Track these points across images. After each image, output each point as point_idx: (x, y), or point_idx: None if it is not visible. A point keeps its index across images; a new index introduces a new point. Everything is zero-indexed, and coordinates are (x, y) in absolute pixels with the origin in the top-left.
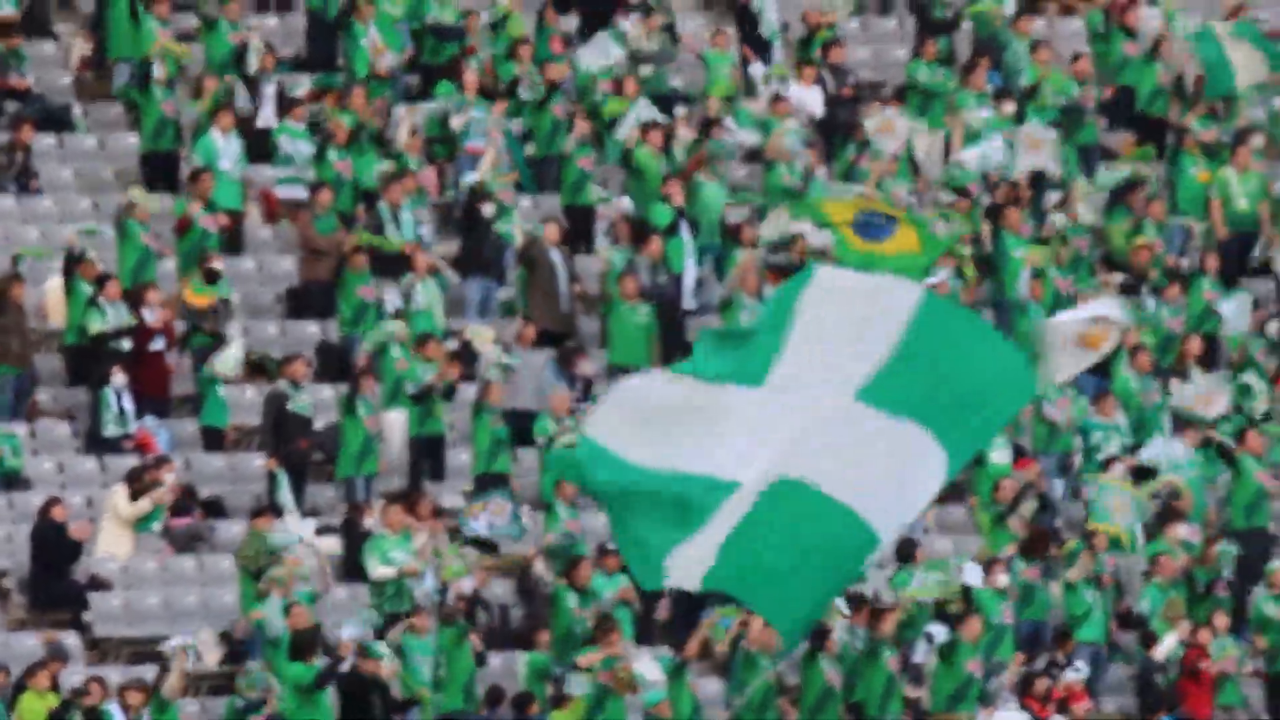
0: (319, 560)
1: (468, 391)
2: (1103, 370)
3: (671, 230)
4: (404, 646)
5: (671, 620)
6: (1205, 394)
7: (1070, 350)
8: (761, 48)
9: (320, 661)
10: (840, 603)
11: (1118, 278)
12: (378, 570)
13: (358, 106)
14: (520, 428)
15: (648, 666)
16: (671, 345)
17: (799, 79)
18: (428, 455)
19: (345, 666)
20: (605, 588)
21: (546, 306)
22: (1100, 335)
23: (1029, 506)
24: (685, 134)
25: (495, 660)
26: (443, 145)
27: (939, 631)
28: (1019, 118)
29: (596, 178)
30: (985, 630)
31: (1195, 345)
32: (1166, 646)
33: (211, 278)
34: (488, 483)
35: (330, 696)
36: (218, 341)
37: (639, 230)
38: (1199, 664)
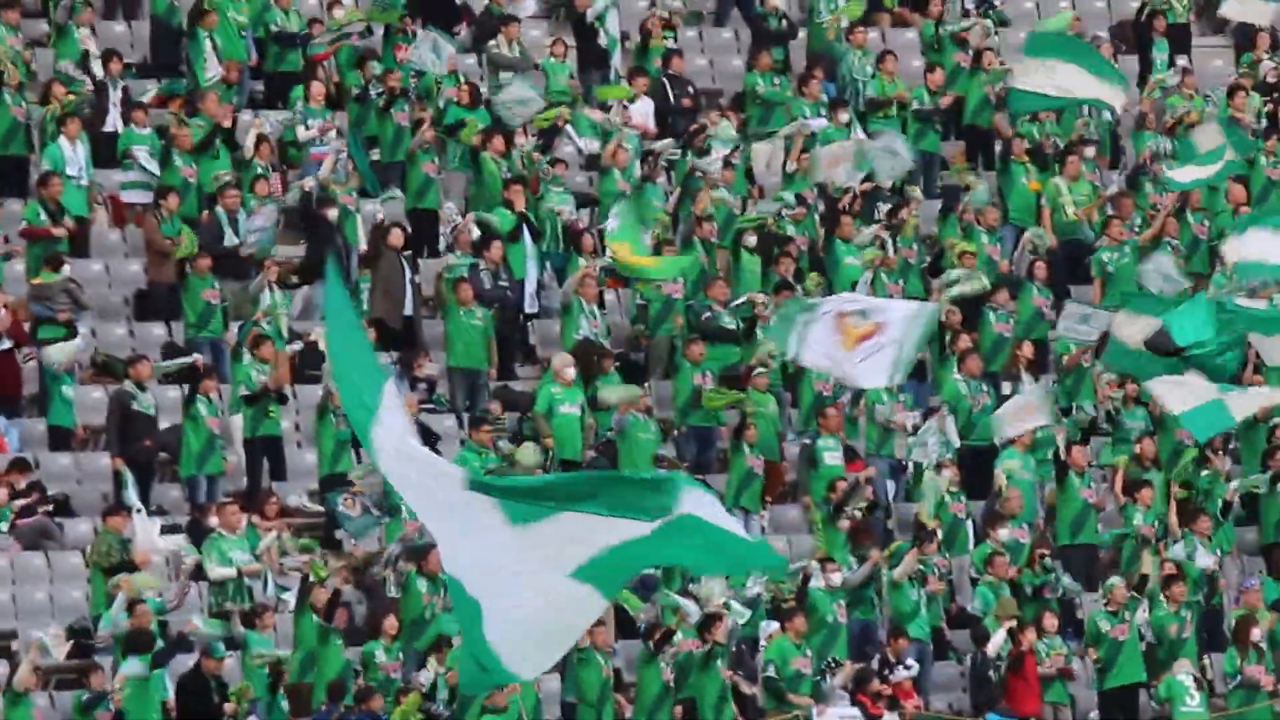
0: (176, 561)
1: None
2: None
3: (514, 236)
4: (245, 644)
5: None
6: (1027, 404)
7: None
8: (599, 57)
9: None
10: (689, 605)
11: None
12: (217, 570)
13: (208, 111)
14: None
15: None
16: (512, 348)
17: (635, 88)
18: (266, 456)
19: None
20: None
21: (389, 308)
22: (853, 328)
23: (858, 506)
24: (527, 141)
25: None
26: (290, 151)
27: (770, 628)
28: (860, 126)
29: (440, 184)
30: (818, 629)
31: (1027, 350)
32: (996, 643)
33: (55, 264)
34: (334, 483)
35: (168, 692)
36: (70, 335)
37: (483, 236)
38: (1025, 662)
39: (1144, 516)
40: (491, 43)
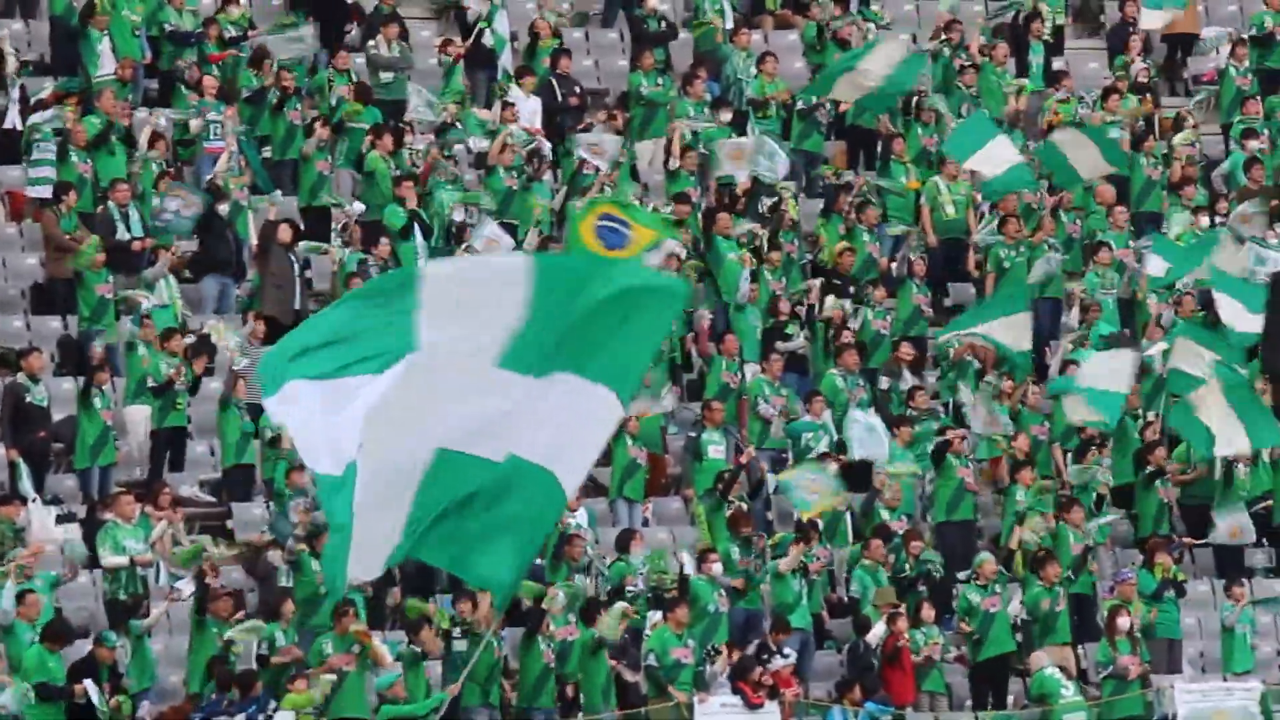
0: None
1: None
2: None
3: (405, 233)
4: (132, 632)
5: (402, 605)
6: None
7: None
8: (486, 57)
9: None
10: (560, 594)
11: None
12: (110, 559)
13: (103, 109)
14: (255, 420)
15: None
16: None
17: (522, 88)
18: (169, 447)
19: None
20: None
21: (280, 302)
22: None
23: (741, 495)
24: (418, 139)
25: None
26: (184, 147)
27: (654, 618)
28: (742, 126)
29: (332, 181)
30: (700, 618)
31: (906, 348)
32: (877, 633)
33: None
34: (237, 475)
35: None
36: None
37: (371, 232)
38: (901, 651)
39: (1026, 495)
40: (370, 43)
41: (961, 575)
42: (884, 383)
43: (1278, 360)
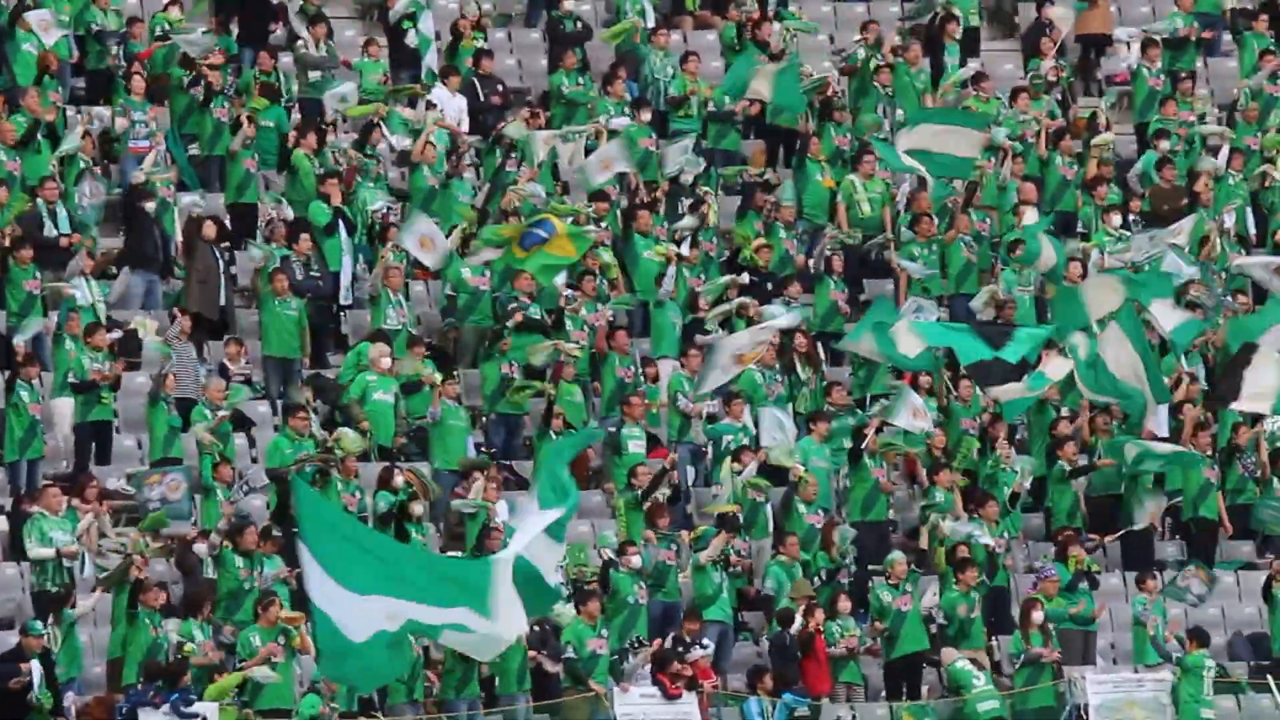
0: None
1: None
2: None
3: (330, 230)
4: (64, 620)
5: None
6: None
7: (725, 367)
8: (409, 57)
9: None
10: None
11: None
12: (36, 550)
13: (29, 108)
14: (180, 415)
15: None
16: (325, 339)
17: (446, 87)
18: (95, 441)
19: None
20: (267, 565)
21: (205, 299)
22: (754, 355)
23: (662, 493)
24: (341, 137)
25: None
26: (112, 145)
27: (571, 610)
28: (662, 126)
29: (258, 179)
30: (620, 610)
31: (804, 344)
32: (799, 625)
33: None
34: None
35: None
36: None
37: (295, 229)
38: (817, 643)
39: (944, 496)
40: (299, 42)
41: (875, 574)
42: (803, 376)
43: (1227, 389)
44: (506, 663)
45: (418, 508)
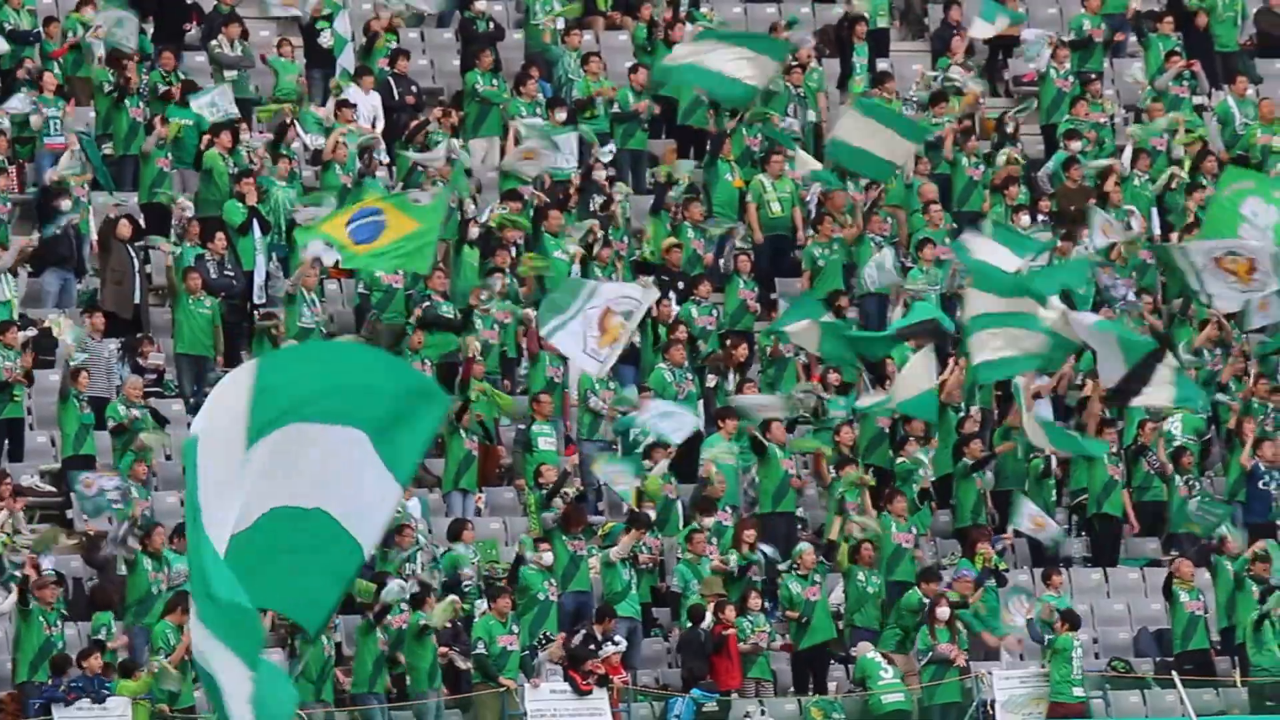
0: None
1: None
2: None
3: (244, 229)
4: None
5: None
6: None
7: (606, 345)
8: (323, 56)
9: None
10: (393, 585)
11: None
12: None
13: None
14: (94, 413)
15: None
16: (239, 337)
17: (360, 86)
18: (7, 438)
19: None
20: (177, 562)
21: (119, 297)
22: (617, 327)
23: (571, 489)
24: (256, 137)
25: (69, 631)
26: (23, 145)
27: (482, 606)
28: (575, 125)
29: (172, 178)
30: (530, 606)
31: (741, 351)
32: (708, 622)
33: None
34: (76, 465)
35: None
36: None
37: (208, 228)
38: (728, 639)
39: (848, 493)
40: (214, 42)
41: (783, 565)
42: (710, 380)
43: (1130, 387)
44: (418, 660)
45: None
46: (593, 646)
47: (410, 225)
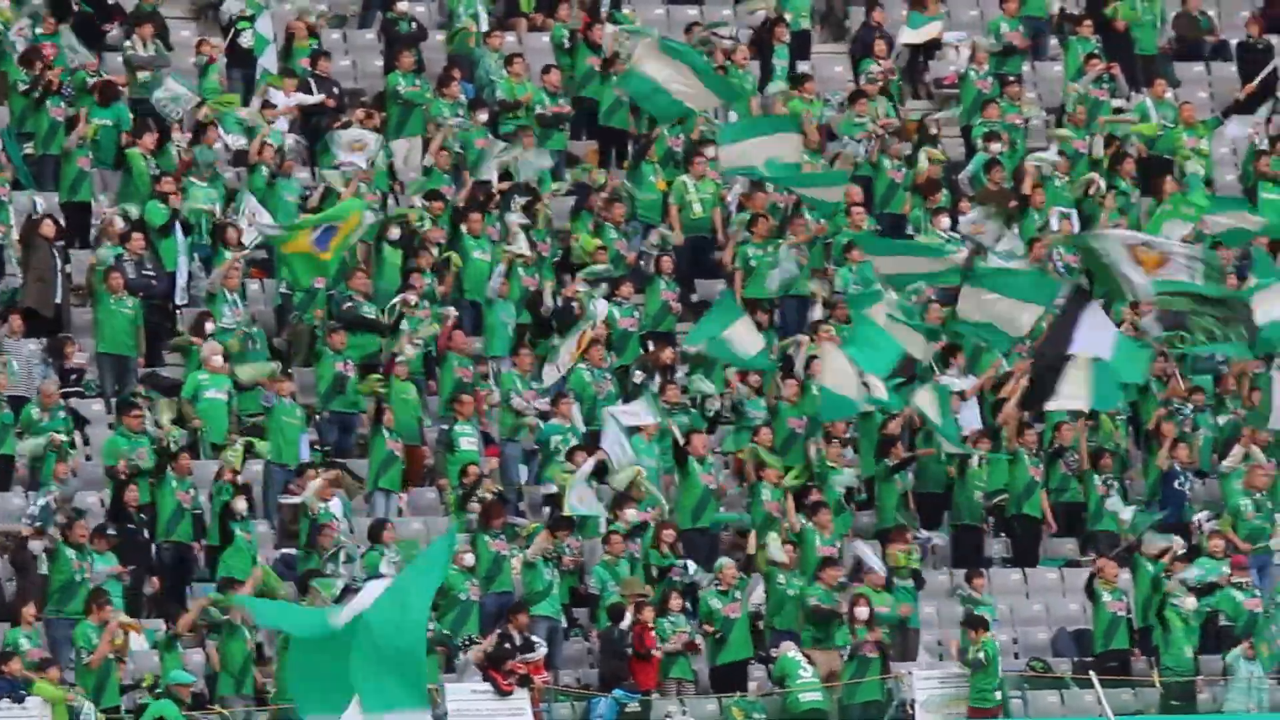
0: None
1: None
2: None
3: (165, 229)
4: None
5: (161, 594)
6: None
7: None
8: (243, 57)
9: None
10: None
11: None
12: None
13: None
14: (13, 413)
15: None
16: (161, 338)
17: (283, 87)
18: None
19: None
20: (99, 562)
21: (41, 296)
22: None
23: (490, 489)
24: (180, 137)
25: None
26: None
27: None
28: (493, 127)
29: (92, 178)
30: (451, 606)
31: (668, 354)
32: (628, 622)
33: None
34: None
35: None
36: None
37: (129, 228)
38: (647, 639)
39: (771, 493)
40: (127, 43)
41: (704, 580)
42: (637, 378)
43: (1040, 395)
44: None
45: (241, 504)
46: (508, 646)
47: (359, 221)
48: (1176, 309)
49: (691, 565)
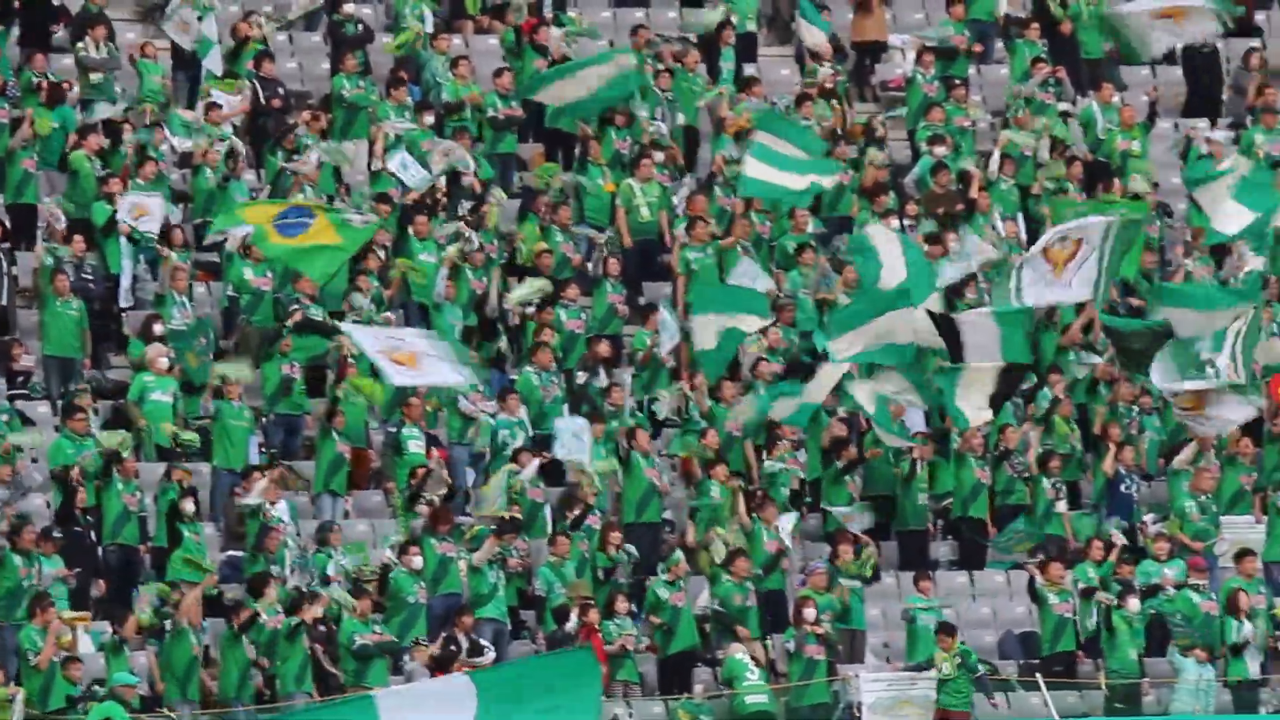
0: None
1: None
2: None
3: (107, 230)
4: None
5: (107, 596)
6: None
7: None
8: (189, 59)
9: None
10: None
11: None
12: None
13: None
14: None
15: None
16: (106, 340)
17: (228, 89)
18: None
19: None
20: (47, 566)
21: None
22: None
23: (436, 491)
24: (126, 138)
25: None
26: None
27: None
28: (439, 130)
29: (38, 179)
30: (400, 609)
31: (604, 347)
32: (573, 624)
33: None
34: None
35: None
36: None
37: (73, 230)
38: (593, 641)
39: (720, 490)
40: (79, 44)
41: (651, 575)
42: (580, 378)
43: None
44: (286, 664)
45: (189, 505)
46: (454, 648)
47: (332, 238)
48: (1114, 327)
49: (631, 548)
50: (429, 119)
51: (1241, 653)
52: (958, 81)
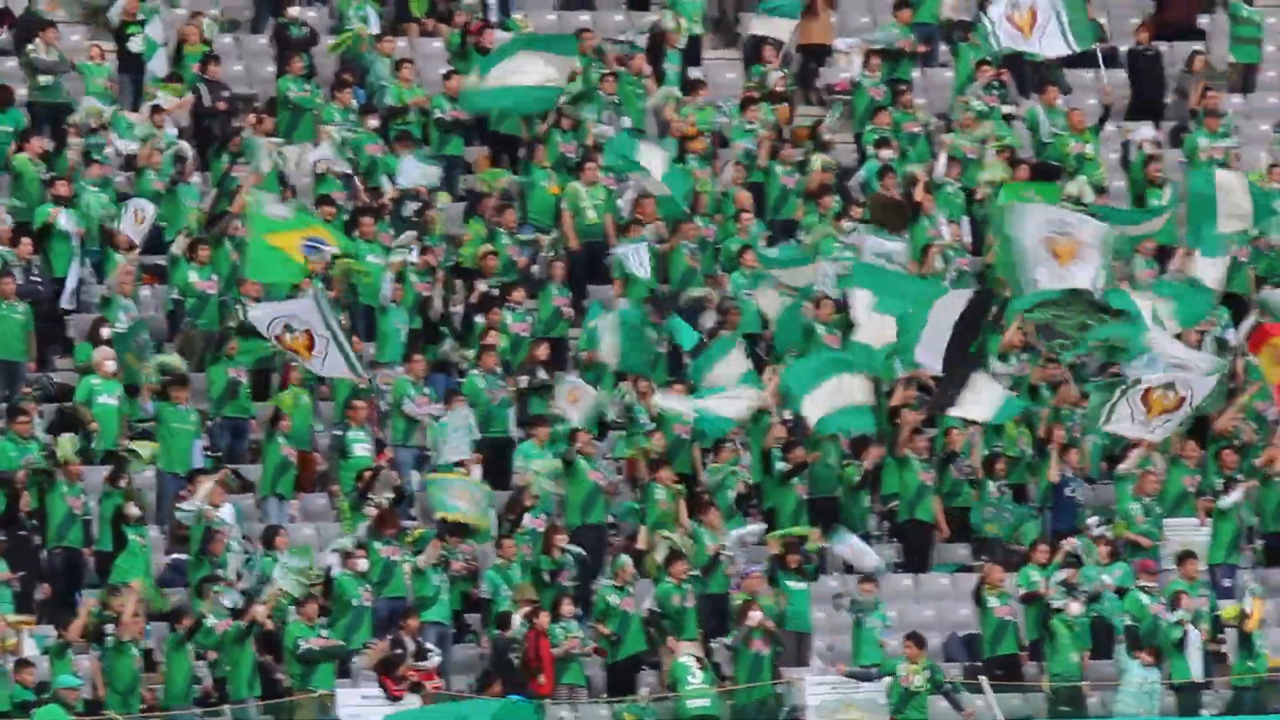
0: None
1: None
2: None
3: (44, 232)
4: None
5: (52, 600)
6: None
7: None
8: (132, 61)
9: None
10: (229, 594)
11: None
12: None
13: None
14: None
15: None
16: (51, 342)
17: (173, 92)
18: None
19: None
20: None
21: None
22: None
23: (383, 494)
24: (71, 141)
25: None
26: None
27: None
28: (384, 132)
29: None
30: (344, 611)
31: (543, 350)
32: (516, 624)
33: None
34: None
35: None
36: None
37: (18, 232)
38: (541, 645)
39: (666, 493)
40: (30, 46)
41: (598, 577)
42: (523, 382)
43: (943, 400)
44: (237, 667)
45: (134, 509)
46: (400, 652)
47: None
48: (1042, 321)
49: (575, 548)
50: (373, 122)
51: (1183, 649)
52: (903, 85)
